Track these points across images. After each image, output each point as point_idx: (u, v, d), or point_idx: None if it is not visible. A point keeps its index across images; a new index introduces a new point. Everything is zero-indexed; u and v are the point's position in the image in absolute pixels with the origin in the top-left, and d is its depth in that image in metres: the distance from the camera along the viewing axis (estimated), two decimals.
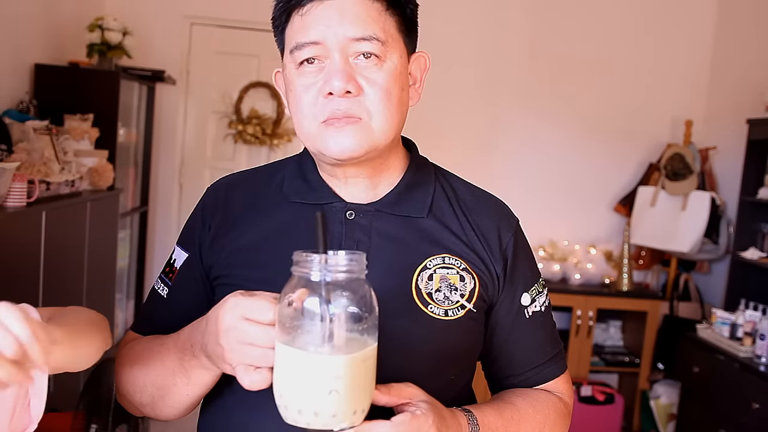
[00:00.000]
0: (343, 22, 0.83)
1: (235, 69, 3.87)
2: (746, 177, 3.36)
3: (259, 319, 0.72)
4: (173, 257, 0.99)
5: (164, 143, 3.85)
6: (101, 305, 2.69)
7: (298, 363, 0.68)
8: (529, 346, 0.97)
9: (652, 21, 3.97)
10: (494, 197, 1.01)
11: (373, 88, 0.85)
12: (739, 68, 3.77)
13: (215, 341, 0.75)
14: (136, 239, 3.75)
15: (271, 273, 0.80)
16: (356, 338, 0.69)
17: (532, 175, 3.98)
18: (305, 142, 0.90)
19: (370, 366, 0.71)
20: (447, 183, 0.99)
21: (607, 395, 3.54)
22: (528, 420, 0.92)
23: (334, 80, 0.83)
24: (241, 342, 0.73)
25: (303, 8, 0.85)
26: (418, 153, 1.00)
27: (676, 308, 3.81)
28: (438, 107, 3.78)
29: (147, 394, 0.89)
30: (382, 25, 0.85)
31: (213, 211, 0.97)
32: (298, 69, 0.86)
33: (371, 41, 0.84)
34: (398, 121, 0.89)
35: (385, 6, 0.86)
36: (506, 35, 3.91)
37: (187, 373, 0.83)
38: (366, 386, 0.71)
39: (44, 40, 2.97)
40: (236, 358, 0.73)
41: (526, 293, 0.96)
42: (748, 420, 2.78)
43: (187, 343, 0.82)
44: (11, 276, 1.86)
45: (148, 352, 0.89)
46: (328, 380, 0.67)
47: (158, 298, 0.98)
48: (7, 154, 2.20)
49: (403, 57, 0.89)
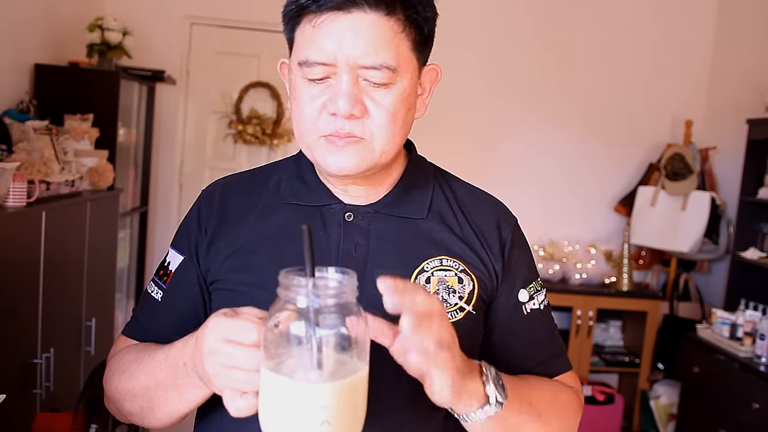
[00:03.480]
0: (356, 44, 0.80)
1: (235, 69, 3.87)
2: (746, 177, 3.36)
3: (242, 341, 0.68)
4: (167, 260, 0.97)
5: (164, 143, 3.85)
6: (101, 305, 2.69)
7: (284, 390, 0.64)
8: (529, 343, 0.95)
9: (653, 21, 3.97)
10: (493, 197, 1.00)
11: (378, 110, 0.83)
12: (739, 68, 3.77)
13: (201, 364, 0.73)
14: (136, 239, 3.75)
15: (267, 277, 0.77)
16: (346, 364, 0.65)
17: (533, 175, 3.98)
18: (304, 150, 0.90)
19: (361, 392, 0.67)
20: (446, 183, 0.99)
21: (607, 395, 3.54)
22: (540, 388, 0.91)
23: (339, 101, 0.81)
24: (224, 365, 0.69)
25: (317, 18, 0.81)
26: (417, 153, 0.99)
27: (676, 308, 3.81)
28: (441, 107, 3.78)
29: (136, 404, 0.87)
30: (395, 48, 0.82)
31: (209, 214, 0.95)
32: (305, 79, 0.84)
33: (381, 70, 0.81)
34: (401, 140, 0.88)
35: (401, 26, 0.82)
36: (508, 35, 3.91)
37: (180, 390, 0.80)
38: (357, 413, 0.67)
39: (44, 40, 2.97)
40: (221, 382, 0.70)
41: (523, 290, 0.95)
42: (748, 420, 2.78)
43: (180, 361, 0.79)
44: (11, 276, 1.86)
45: (138, 364, 0.86)
46: (316, 410, 0.63)
47: (152, 302, 0.95)
48: (7, 154, 2.20)
49: (413, 78, 0.86)
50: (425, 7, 0.85)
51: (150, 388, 0.84)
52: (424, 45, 0.87)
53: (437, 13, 0.88)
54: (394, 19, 0.81)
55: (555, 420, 0.90)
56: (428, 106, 0.92)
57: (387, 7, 0.81)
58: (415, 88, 0.87)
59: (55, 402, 2.14)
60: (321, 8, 0.80)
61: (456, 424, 0.84)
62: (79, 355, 2.46)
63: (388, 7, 0.81)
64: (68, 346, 2.30)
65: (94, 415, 2.04)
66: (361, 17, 0.80)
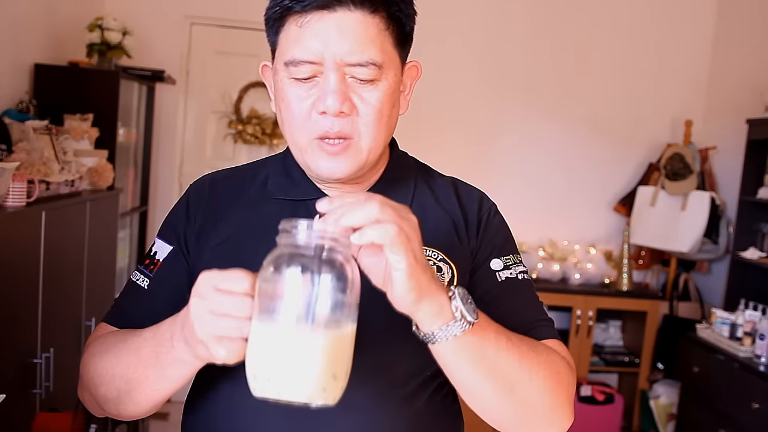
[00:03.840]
0: (342, 42, 0.82)
1: (235, 69, 3.86)
2: (746, 177, 3.36)
3: (233, 290, 0.68)
4: (154, 249, 0.97)
5: (164, 143, 3.85)
6: (101, 305, 2.69)
7: (277, 341, 0.64)
8: (507, 312, 0.90)
9: (653, 21, 3.97)
10: (475, 187, 1.03)
11: (366, 108, 0.85)
12: (739, 68, 3.77)
13: (186, 316, 0.72)
14: (135, 239, 3.75)
15: (253, 270, 0.77)
16: (338, 315, 0.66)
17: (533, 175, 3.97)
18: (294, 153, 0.91)
19: (350, 345, 0.68)
20: (428, 176, 1.01)
21: (607, 395, 3.54)
22: (520, 336, 0.84)
23: (328, 99, 0.82)
24: (212, 312, 0.68)
25: (301, 18, 0.83)
26: (398, 148, 1.01)
27: (675, 308, 3.81)
28: (440, 103, 3.79)
29: (113, 387, 0.85)
30: (380, 45, 0.84)
31: (198, 206, 0.96)
32: (291, 79, 0.85)
33: (368, 67, 0.83)
34: (386, 137, 0.90)
35: (385, 24, 0.85)
36: (508, 33, 3.91)
37: (162, 366, 0.79)
38: (347, 367, 0.68)
39: (44, 40, 2.97)
40: (205, 328, 0.68)
41: (497, 259, 0.95)
42: (748, 420, 2.78)
43: (167, 333, 0.78)
44: (11, 276, 1.86)
45: (123, 343, 0.85)
46: (308, 360, 0.64)
47: (138, 290, 0.95)
48: (6, 154, 2.20)
49: (397, 75, 0.89)
50: (407, 5, 0.88)
51: (130, 367, 0.82)
52: (405, 42, 0.90)
53: (416, 11, 0.90)
54: (378, 16, 0.84)
55: (541, 370, 0.83)
56: (409, 103, 0.94)
57: (371, 5, 0.83)
58: (398, 84, 0.90)
59: (54, 402, 2.14)
60: (306, 8, 0.82)
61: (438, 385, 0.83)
62: (79, 355, 2.44)
63: (372, 5, 0.83)
64: (68, 346, 2.30)
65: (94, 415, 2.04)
66: (346, 15, 0.82)
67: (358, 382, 0.85)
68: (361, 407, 0.85)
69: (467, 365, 0.78)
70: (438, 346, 0.75)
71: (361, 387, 0.85)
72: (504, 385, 0.80)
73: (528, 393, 0.82)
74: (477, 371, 0.78)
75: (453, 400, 0.97)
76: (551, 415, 0.85)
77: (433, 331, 0.74)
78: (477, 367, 0.78)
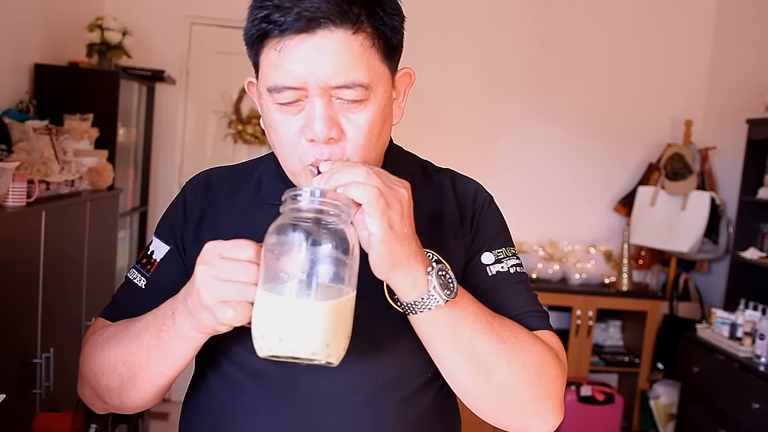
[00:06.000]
0: (325, 65, 0.77)
1: (235, 69, 3.86)
2: (746, 177, 3.37)
3: (238, 257, 0.70)
4: (151, 248, 0.96)
5: (164, 143, 3.85)
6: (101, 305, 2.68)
7: (280, 308, 0.67)
8: (498, 302, 0.89)
9: (653, 21, 3.97)
10: (472, 180, 1.02)
11: (355, 132, 0.81)
12: (739, 68, 3.77)
13: (191, 285, 0.73)
14: (135, 239, 3.75)
15: None
16: (340, 275, 0.69)
17: (533, 175, 3.97)
18: (287, 173, 0.89)
19: (351, 312, 0.71)
20: (424, 171, 1.00)
21: (607, 395, 3.54)
22: (506, 325, 0.84)
23: (316, 126, 0.79)
24: (218, 278, 0.70)
25: (280, 42, 0.78)
26: (394, 144, 0.99)
27: (675, 308, 3.81)
28: (440, 104, 3.79)
29: (116, 375, 0.85)
30: (366, 63, 0.79)
31: (194, 204, 0.96)
32: (276, 104, 0.82)
33: (354, 88, 0.79)
34: (379, 152, 0.88)
35: (370, 41, 0.80)
36: (508, 34, 3.91)
37: (164, 346, 0.79)
38: (348, 333, 0.71)
39: (44, 40, 2.97)
40: (211, 294, 0.70)
41: (489, 252, 0.94)
42: (747, 420, 2.78)
43: (168, 311, 0.79)
44: (11, 276, 1.86)
45: (124, 331, 0.86)
46: (311, 315, 0.67)
47: (135, 288, 0.95)
48: (6, 154, 2.20)
49: (387, 89, 0.84)
50: (391, 17, 0.82)
51: (132, 352, 0.83)
52: (393, 53, 0.85)
53: (404, 16, 0.85)
54: (361, 34, 0.79)
55: (522, 357, 0.82)
56: (404, 110, 0.92)
57: (353, 24, 0.78)
58: (389, 98, 0.86)
59: (54, 402, 2.14)
60: (284, 32, 0.77)
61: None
62: (78, 355, 2.45)
63: (354, 24, 0.78)
64: (68, 346, 2.30)
65: (94, 415, 2.04)
66: (326, 37, 0.77)
67: (358, 383, 0.86)
68: (360, 408, 0.85)
69: (442, 341, 0.80)
70: (415, 318, 0.78)
71: (361, 387, 0.85)
72: (479, 367, 0.80)
73: (506, 379, 0.81)
74: (453, 349, 0.80)
75: (453, 402, 0.97)
76: (533, 407, 0.83)
77: (408, 302, 0.77)
78: (453, 344, 0.79)
